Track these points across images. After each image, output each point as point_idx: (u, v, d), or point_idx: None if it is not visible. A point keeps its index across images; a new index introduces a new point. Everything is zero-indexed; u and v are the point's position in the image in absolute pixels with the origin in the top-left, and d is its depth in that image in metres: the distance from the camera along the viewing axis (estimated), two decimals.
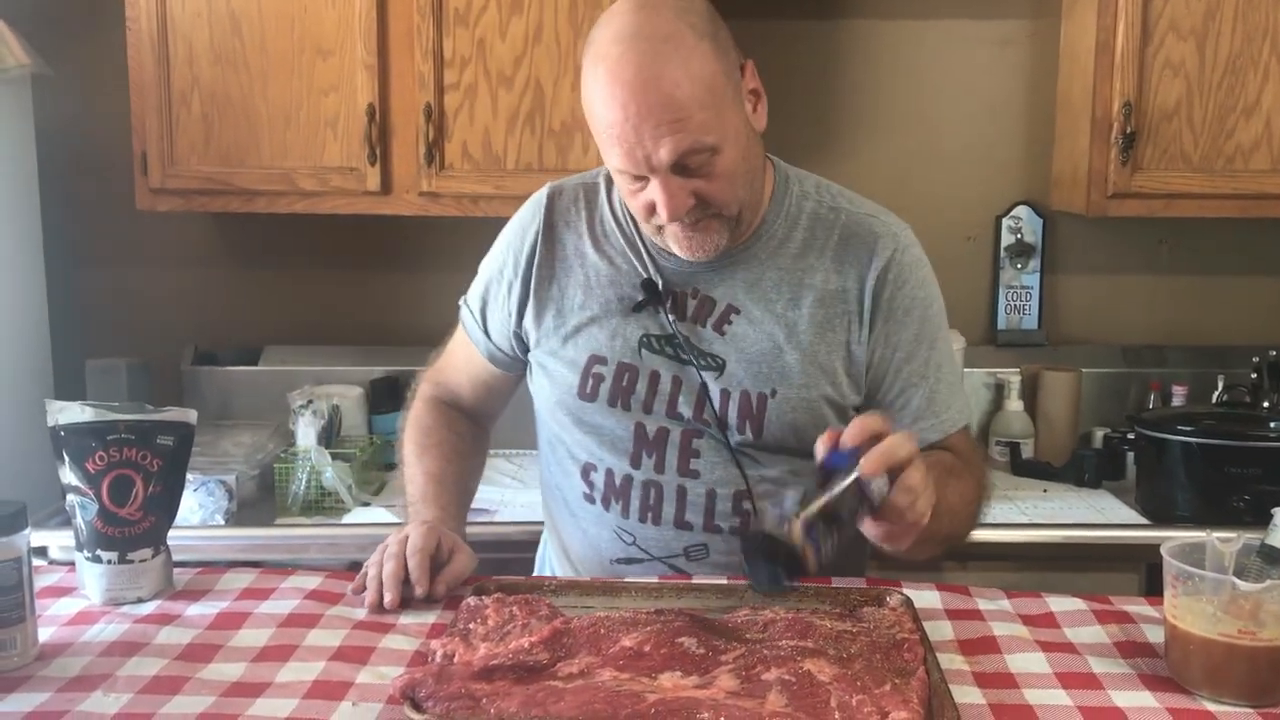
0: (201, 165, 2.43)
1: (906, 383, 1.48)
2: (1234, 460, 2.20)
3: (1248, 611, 1.09)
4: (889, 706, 1.03)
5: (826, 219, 1.50)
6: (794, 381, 1.45)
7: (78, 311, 2.77)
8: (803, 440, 1.40)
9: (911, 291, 1.48)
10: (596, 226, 1.54)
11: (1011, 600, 1.34)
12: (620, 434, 1.49)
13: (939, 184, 2.76)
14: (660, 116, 1.29)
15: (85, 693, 1.12)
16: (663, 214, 1.36)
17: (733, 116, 1.36)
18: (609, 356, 1.49)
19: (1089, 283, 2.80)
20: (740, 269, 1.48)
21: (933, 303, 1.51)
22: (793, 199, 1.51)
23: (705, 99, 1.31)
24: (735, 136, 1.36)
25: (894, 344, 1.47)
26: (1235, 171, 2.41)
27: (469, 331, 1.65)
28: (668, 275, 1.49)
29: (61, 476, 1.35)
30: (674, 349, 1.48)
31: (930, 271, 1.53)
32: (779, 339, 1.46)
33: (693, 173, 1.34)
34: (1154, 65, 2.38)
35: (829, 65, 2.74)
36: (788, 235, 1.49)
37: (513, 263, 1.57)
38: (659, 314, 1.48)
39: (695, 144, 1.32)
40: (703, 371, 1.46)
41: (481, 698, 1.05)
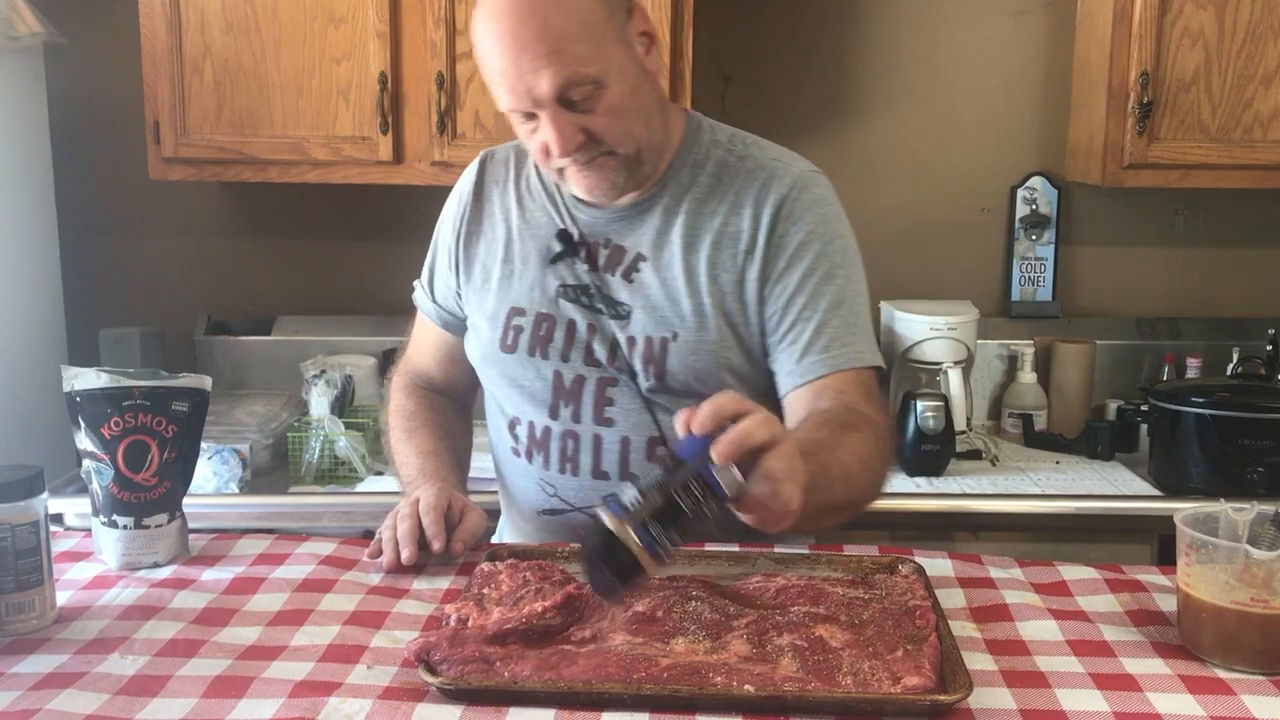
0: (214, 134, 2.43)
1: (798, 316, 1.46)
2: (1248, 432, 2.19)
3: (1261, 580, 1.09)
4: (901, 672, 1.03)
5: (733, 165, 1.51)
6: (692, 325, 1.47)
7: (91, 281, 2.78)
8: (707, 384, 1.44)
9: (808, 227, 1.47)
10: (522, 184, 1.59)
11: (1024, 568, 1.34)
12: (539, 385, 1.53)
13: (954, 155, 2.75)
14: (536, 49, 1.33)
15: (102, 655, 1.13)
16: (553, 149, 1.39)
17: (616, 52, 1.38)
18: (527, 307, 1.53)
19: (1104, 254, 2.79)
20: (649, 217, 1.51)
21: (833, 240, 1.48)
22: (702, 146, 1.53)
23: (580, 32, 1.34)
24: (620, 72, 1.38)
25: (786, 279, 1.47)
26: (1253, 142, 2.39)
27: (423, 308, 1.69)
28: (583, 227, 1.53)
29: (77, 442, 1.36)
30: (589, 298, 1.51)
31: (834, 211, 1.51)
32: (679, 284, 1.48)
33: (578, 107, 1.37)
34: (1172, 34, 2.36)
35: (844, 36, 2.72)
36: (693, 181, 1.51)
37: (449, 228, 1.62)
38: (574, 264, 1.52)
39: (574, 75, 1.34)
40: (612, 320, 1.50)
41: (495, 661, 1.05)
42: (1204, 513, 1.15)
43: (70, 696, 1.04)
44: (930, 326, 2.49)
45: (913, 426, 2.32)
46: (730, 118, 2.78)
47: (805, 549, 1.38)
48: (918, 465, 2.33)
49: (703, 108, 2.57)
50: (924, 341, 2.49)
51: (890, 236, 2.75)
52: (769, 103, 2.73)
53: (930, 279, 2.74)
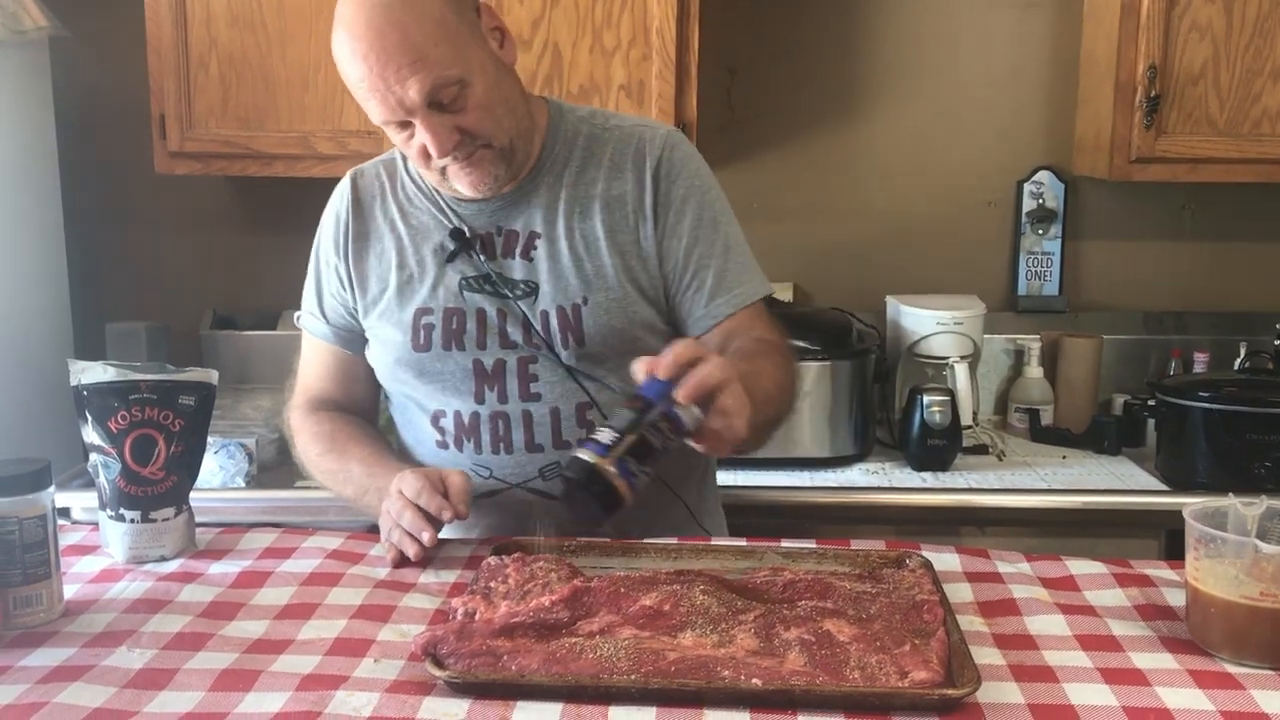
0: (219, 128, 2.43)
1: (698, 265, 1.55)
2: (1255, 427, 2.18)
3: (1270, 574, 1.08)
4: (909, 666, 1.03)
5: (601, 136, 1.59)
6: (599, 286, 1.53)
7: (97, 275, 2.78)
8: (625, 341, 1.53)
9: (687, 181, 1.57)
10: (399, 194, 1.62)
11: (1031, 563, 1.34)
12: (460, 375, 1.56)
13: (960, 149, 2.74)
14: (399, 59, 1.37)
15: (110, 648, 1.13)
16: (433, 151, 1.43)
17: (474, 51, 1.43)
18: (434, 306, 1.56)
19: (1110, 248, 2.78)
20: (532, 198, 1.56)
21: (708, 189, 1.59)
22: (568, 125, 1.59)
23: (438, 34, 1.38)
24: (481, 69, 1.43)
25: (678, 232, 1.55)
26: (1261, 136, 2.38)
27: (315, 332, 1.69)
28: (470, 222, 1.57)
29: (84, 436, 1.36)
30: (492, 285, 1.55)
31: (702, 164, 1.60)
32: (579, 250, 1.54)
33: (448, 108, 1.41)
34: (1180, 27, 2.35)
35: (850, 30, 2.71)
36: (567, 157, 1.57)
37: (332, 248, 1.64)
38: (471, 257, 1.56)
39: (439, 78, 1.39)
40: (520, 301, 1.54)
41: (503, 655, 1.05)
42: (1213, 507, 1.15)
43: (78, 690, 1.04)
44: (937, 321, 2.49)
45: (919, 421, 2.31)
46: (736, 112, 2.80)
47: (813, 543, 1.38)
48: (924, 460, 2.33)
49: (708, 102, 2.58)
50: (930, 336, 2.49)
51: (896, 231, 2.75)
52: (774, 97, 2.73)
53: (937, 273, 2.74)
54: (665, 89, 2.33)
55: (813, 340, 2.33)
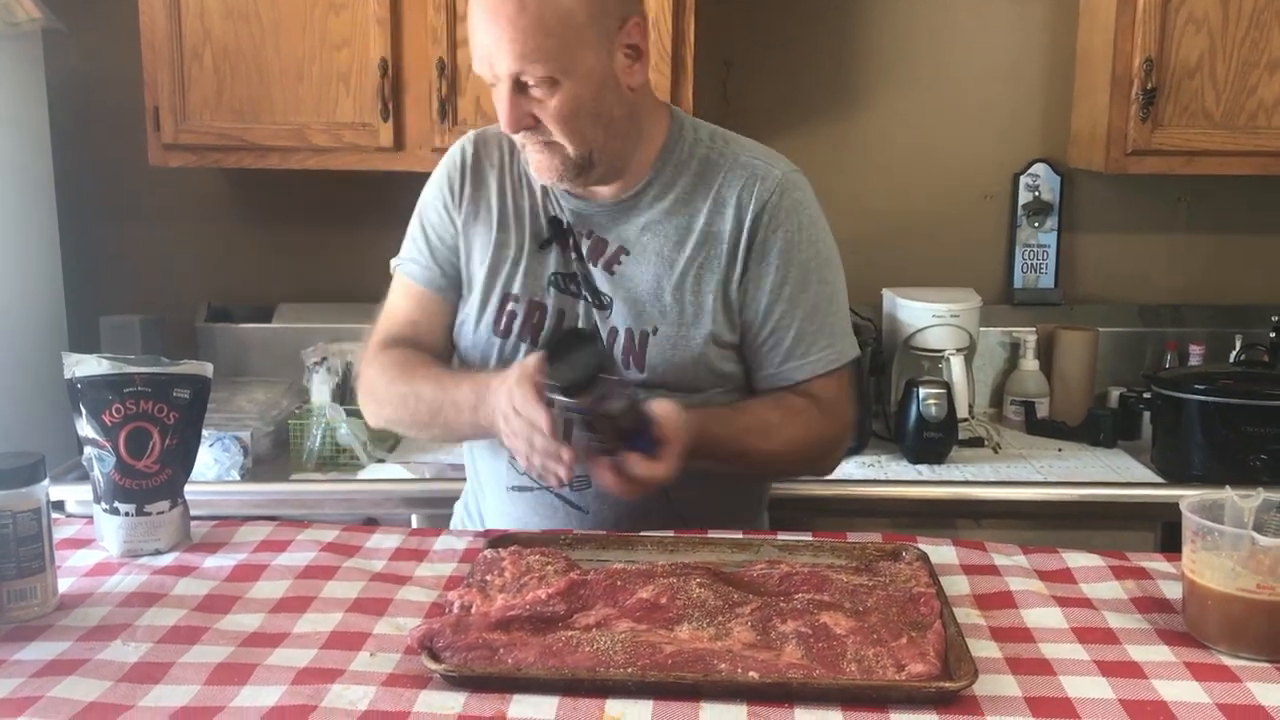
0: (214, 120, 2.42)
1: (777, 324, 1.53)
2: (1251, 419, 2.18)
3: (1267, 567, 1.08)
4: (905, 659, 1.03)
5: (716, 163, 1.55)
6: (672, 320, 1.51)
7: (91, 268, 2.77)
8: (684, 378, 1.51)
9: (786, 235, 1.52)
10: (516, 167, 1.60)
11: (1028, 556, 1.34)
12: None
13: (957, 141, 2.74)
14: (506, 27, 1.38)
15: (105, 642, 1.12)
16: (502, 121, 1.45)
17: (586, 56, 1.41)
18: (520, 294, 1.56)
19: (1106, 241, 2.78)
20: (633, 213, 1.54)
21: (811, 245, 1.54)
22: (685, 146, 1.56)
23: (553, 27, 1.38)
24: (585, 76, 1.42)
25: (764, 286, 1.52)
26: (1257, 128, 2.38)
27: (411, 274, 1.64)
28: (570, 215, 1.56)
29: (79, 429, 1.36)
30: (576, 285, 1.54)
31: (813, 214, 1.56)
32: (661, 279, 1.51)
33: (532, 93, 1.42)
34: (1176, 20, 2.35)
35: (846, 22, 2.71)
36: (675, 179, 1.54)
37: (446, 194, 1.62)
38: (565, 251, 1.55)
39: (530, 68, 1.39)
40: (594, 310, 1.53)
41: (499, 648, 1.05)
42: (1209, 500, 1.15)
43: (72, 684, 1.04)
44: (933, 314, 2.49)
45: (915, 414, 2.31)
46: (732, 104, 2.79)
47: (809, 536, 1.38)
48: (920, 452, 2.33)
49: (704, 94, 2.57)
50: (926, 329, 2.49)
51: (892, 224, 2.75)
52: (771, 90, 2.72)
53: (933, 266, 2.73)
54: (661, 81, 2.33)
55: None
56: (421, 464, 2.33)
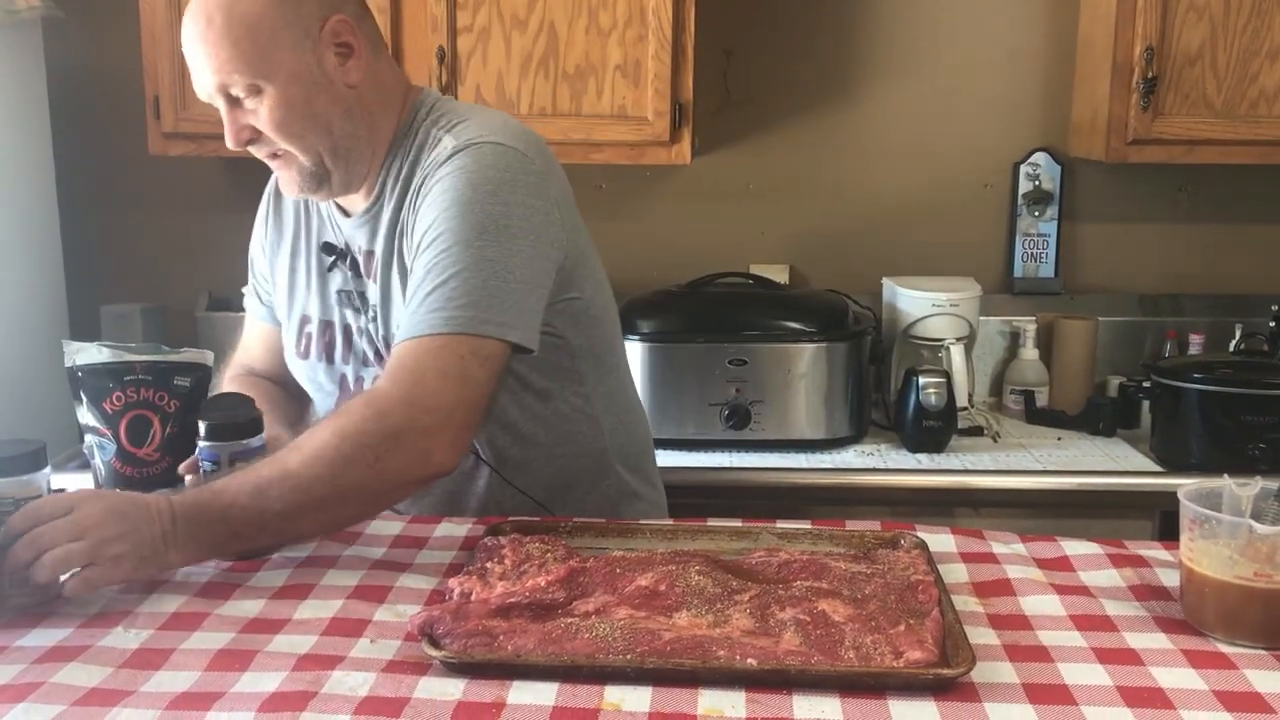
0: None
1: (413, 290, 1.39)
2: (1250, 408, 2.19)
3: (1264, 555, 1.08)
4: (904, 646, 1.03)
5: (431, 142, 1.47)
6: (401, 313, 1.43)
7: (92, 257, 2.77)
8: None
9: (436, 195, 1.41)
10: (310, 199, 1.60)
11: (1026, 544, 1.34)
12: (330, 387, 1.60)
13: (957, 131, 2.73)
14: (202, 46, 1.40)
15: (106, 628, 1.13)
16: (227, 138, 1.46)
17: (285, 59, 1.40)
18: (313, 315, 1.60)
19: (1107, 230, 2.78)
20: (380, 216, 1.51)
21: (452, 208, 1.38)
22: (414, 137, 1.50)
23: (241, 35, 1.39)
24: (290, 80, 1.40)
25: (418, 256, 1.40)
26: (1259, 117, 2.37)
27: (252, 310, 1.75)
28: (347, 236, 1.56)
29: (79, 417, 1.36)
30: (356, 301, 1.56)
31: (479, 179, 1.39)
32: (394, 274, 1.49)
33: (243, 105, 1.43)
34: (1177, 8, 2.34)
35: (846, 11, 2.70)
36: (401, 172, 1.50)
37: (259, 233, 1.70)
38: (344, 271, 1.56)
39: (228, 76, 1.40)
40: (370, 321, 1.54)
41: (499, 635, 1.06)
42: (1207, 488, 1.15)
43: (74, 670, 1.04)
44: (932, 303, 2.49)
45: (915, 403, 2.32)
46: (732, 94, 2.79)
47: (808, 524, 1.39)
48: (920, 441, 2.33)
49: (704, 84, 2.57)
50: (926, 318, 2.49)
51: (892, 213, 2.75)
52: (770, 79, 2.72)
53: (932, 255, 2.74)
54: (661, 70, 2.33)
55: (809, 322, 2.33)
56: None
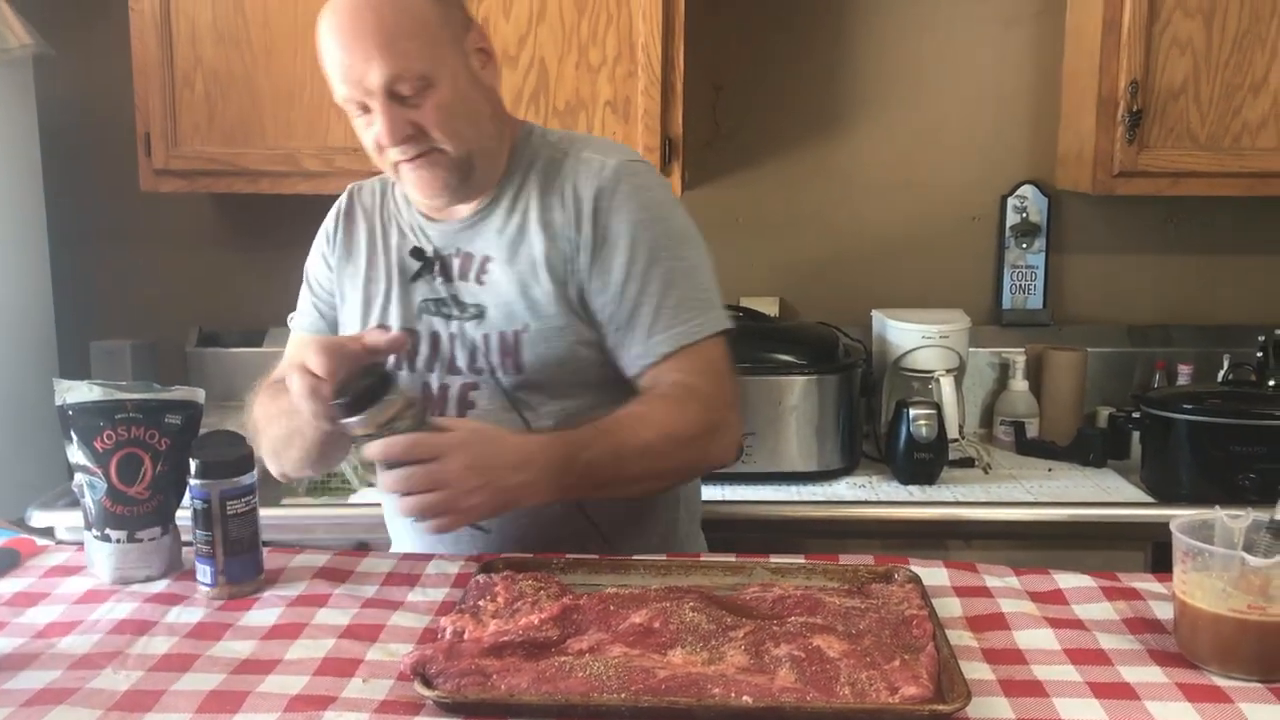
0: (205, 146, 2.42)
1: (635, 302, 1.52)
2: (1239, 439, 2.19)
3: (1257, 587, 1.09)
4: (899, 682, 1.03)
5: (558, 161, 1.58)
6: (542, 314, 1.54)
7: (82, 293, 2.76)
8: (561, 375, 1.54)
9: (626, 216, 1.53)
10: (387, 210, 1.66)
11: (1019, 577, 1.34)
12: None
13: (944, 163, 2.75)
14: (370, 41, 1.42)
15: (95, 670, 1.12)
16: (384, 139, 1.46)
17: (448, 56, 1.47)
18: (393, 325, 1.59)
19: (1094, 262, 2.80)
20: (491, 220, 1.58)
21: (652, 225, 1.54)
22: (531, 148, 1.59)
23: (413, 29, 1.44)
24: (452, 76, 1.47)
25: (613, 267, 1.53)
26: (1243, 150, 2.40)
27: (303, 326, 1.74)
28: (436, 242, 1.60)
29: (69, 456, 1.35)
30: (446, 308, 1.58)
31: (658, 196, 1.57)
32: (525, 277, 1.54)
33: (407, 102, 1.45)
34: (1161, 43, 2.37)
35: (835, 47, 2.73)
36: (524, 182, 1.58)
37: (325, 245, 1.70)
38: (432, 280, 1.59)
39: (403, 69, 1.43)
40: (467, 322, 1.56)
41: (492, 674, 1.05)
42: (1199, 520, 1.15)
43: (63, 712, 1.04)
44: (922, 335, 2.49)
45: (905, 434, 2.32)
46: (721, 129, 2.81)
47: (801, 559, 1.38)
48: (910, 473, 2.33)
49: (694, 119, 2.58)
50: (916, 350, 2.50)
51: (882, 246, 2.76)
52: (760, 114, 2.74)
53: (922, 288, 2.75)
54: (651, 105, 2.34)
55: (799, 354, 2.34)
56: None
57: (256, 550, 1.34)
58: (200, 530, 1.30)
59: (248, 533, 1.32)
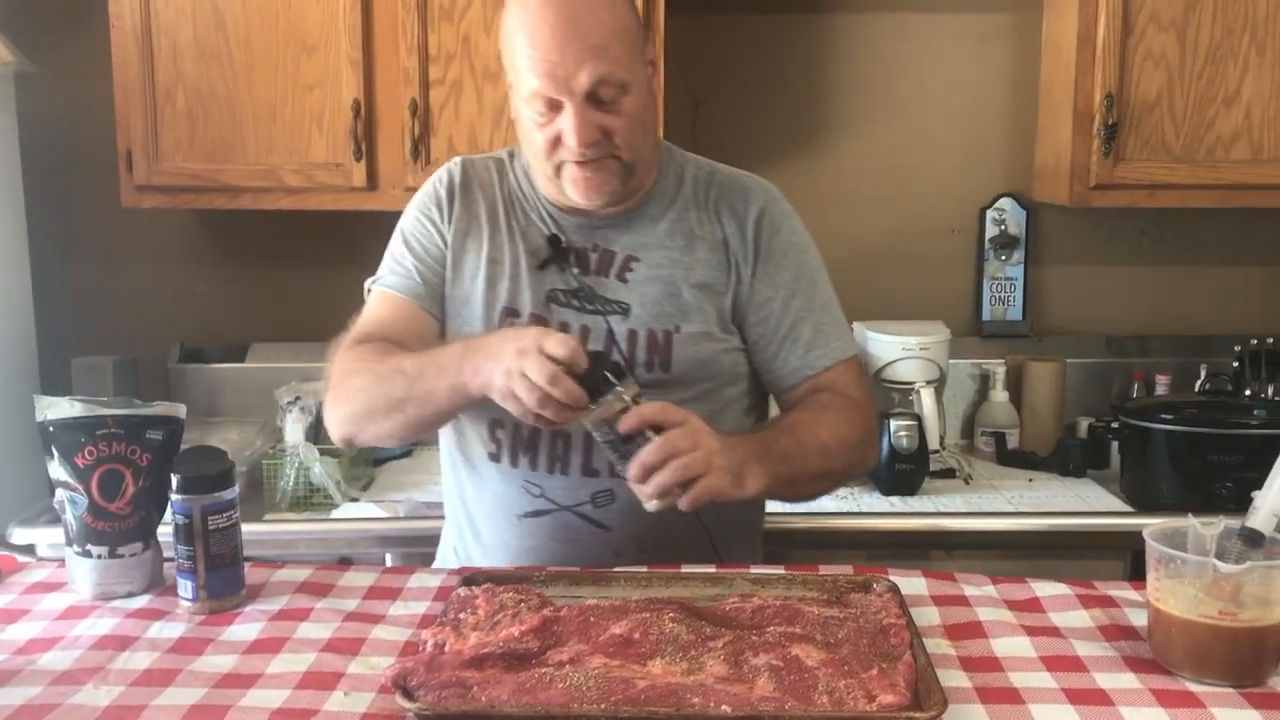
0: (186, 162, 2.43)
1: (796, 317, 1.60)
2: (1216, 448, 2.21)
3: (1228, 593, 1.10)
4: (876, 690, 1.04)
5: (705, 179, 1.64)
6: (694, 317, 1.57)
7: (63, 309, 2.76)
8: (707, 375, 1.57)
9: (787, 236, 1.62)
10: (506, 190, 1.64)
11: (997, 586, 1.35)
12: None
13: (923, 177, 2.78)
14: (586, 40, 1.42)
15: (76, 686, 1.12)
16: (571, 140, 1.46)
17: (640, 67, 1.50)
18: (521, 309, 1.57)
19: (1073, 274, 2.82)
20: (635, 223, 1.60)
21: (808, 248, 1.65)
22: (676, 165, 1.65)
23: (623, 36, 1.46)
24: (641, 84, 1.50)
25: (778, 283, 1.60)
26: (1216, 162, 2.42)
27: (394, 287, 1.60)
28: (569, 234, 1.60)
29: (50, 472, 1.35)
30: (580, 301, 1.57)
31: (801, 224, 1.66)
32: (678, 280, 1.57)
33: (603, 105, 1.46)
34: (1135, 56, 2.40)
35: (813, 62, 2.75)
36: (675, 193, 1.62)
37: (433, 210, 1.62)
38: (564, 270, 1.58)
39: (610, 74, 1.44)
40: (609, 317, 1.56)
41: (473, 686, 1.06)
42: (1172, 528, 1.17)
43: None
44: (902, 347, 2.51)
45: (887, 446, 2.33)
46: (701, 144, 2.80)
47: (782, 569, 1.39)
48: (892, 484, 2.34)
49: (674, 134, 2.59)
50: (896, 362, 2.51)
51: (862, 258, 2.77)
52: (739, 129, 2.75)
53: (902, 300, 2.76)
54: None
55: None
56: (396, 502, 2.33)
57: (238, 565, 1.34)
58: (182, 545, 1.31)
59: (229, 548, 1.32)
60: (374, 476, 2.52)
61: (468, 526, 1.65)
